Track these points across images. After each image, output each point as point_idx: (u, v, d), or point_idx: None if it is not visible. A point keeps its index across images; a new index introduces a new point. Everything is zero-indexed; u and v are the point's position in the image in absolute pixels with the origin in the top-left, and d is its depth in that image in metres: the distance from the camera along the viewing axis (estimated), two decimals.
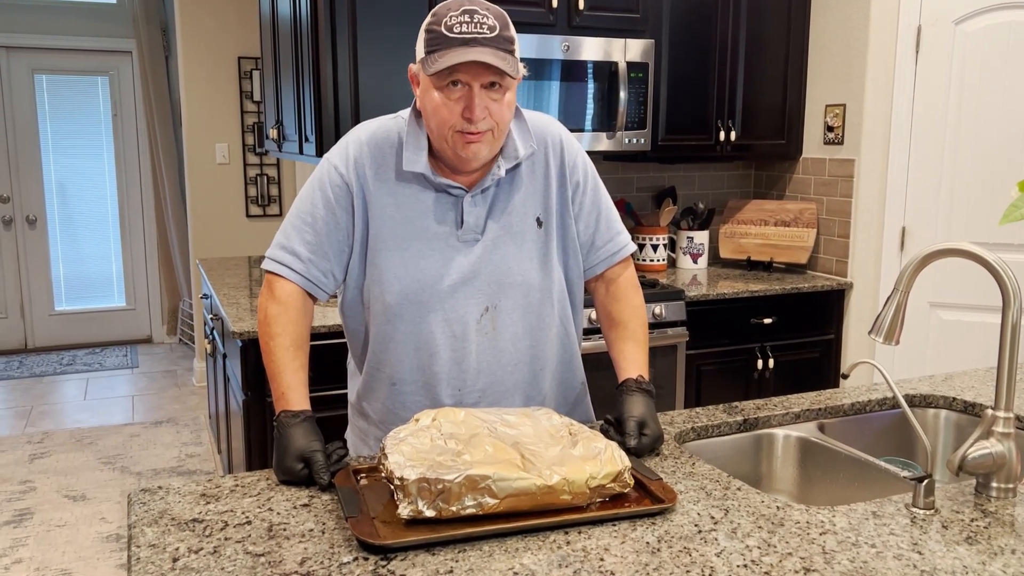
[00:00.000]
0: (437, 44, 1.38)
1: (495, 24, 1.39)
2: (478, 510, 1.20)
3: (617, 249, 1.67)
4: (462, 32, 1.37)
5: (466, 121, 1.40)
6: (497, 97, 1.42)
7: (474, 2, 1.40)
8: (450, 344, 1.54)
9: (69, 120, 6.20)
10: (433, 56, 1.38)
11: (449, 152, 1.46)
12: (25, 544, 3.31)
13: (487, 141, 1.44)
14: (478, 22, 1.37)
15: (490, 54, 1.37)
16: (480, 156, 1.45)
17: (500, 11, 1.42)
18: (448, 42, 1.37)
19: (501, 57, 1.38)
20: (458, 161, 1.47)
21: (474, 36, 1.37)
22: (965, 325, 3.28)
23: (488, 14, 1.39)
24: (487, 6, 1.41)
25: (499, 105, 1.42)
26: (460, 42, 1.37)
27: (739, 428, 1.73)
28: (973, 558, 1.16)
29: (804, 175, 3.76)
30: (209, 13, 5.01)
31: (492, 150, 1.47)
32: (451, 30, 1.37)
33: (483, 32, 1.37)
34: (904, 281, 1.41)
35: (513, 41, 1.42)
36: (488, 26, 1.38)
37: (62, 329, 6.34)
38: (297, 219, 1.54)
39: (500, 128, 1.45)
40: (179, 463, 4.15)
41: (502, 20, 1.41)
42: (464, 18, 1.37)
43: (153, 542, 1.19)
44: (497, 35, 1.38)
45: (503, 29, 1.40)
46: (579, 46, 3.17)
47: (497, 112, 1.42)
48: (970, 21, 3.18)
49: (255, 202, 5.32)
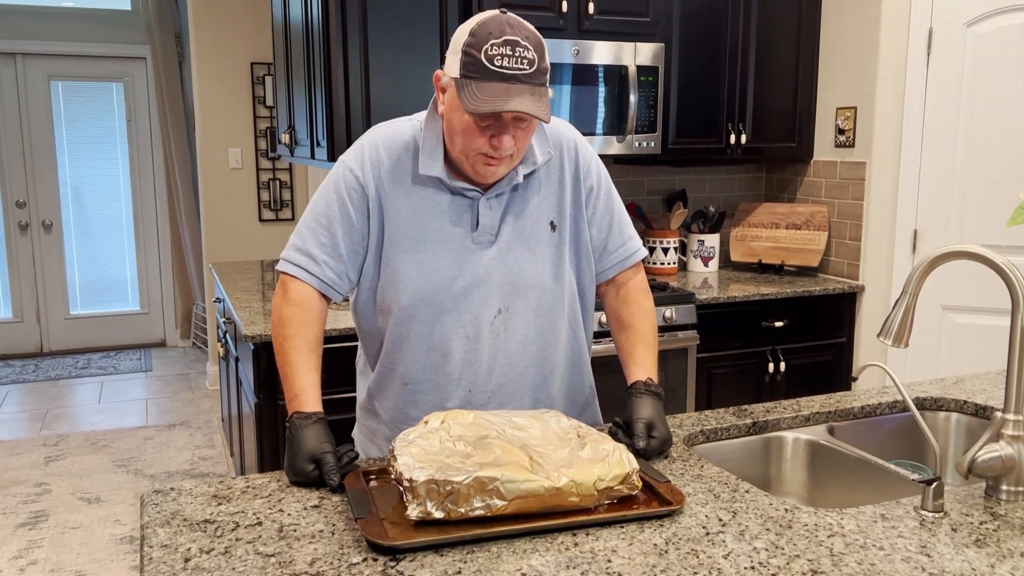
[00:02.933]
0: (476, 73, 1.37)
1: (534, 58, 1.38)
2: (487, 512, 1.20)
3: (629, 254, 1.68)
4: (503, 67, 1.36)
5: (492, 147, 1.42)
6: (524, 127, 1.44)
7: (516, 30, 1.38)
8: (463, 345, 1.55)
9: (84, 126, 6.26)
10: (471, 87, 1.37)
11: (468, 168, 1.49)
12: (40, 546, 3.34)
13: (506, 163, 1.47)
14: (519, 56, 1.36)
15: (528, 97, 1.37)
16: (497, 175, 1.49)
17: (538, 38, 1.41)
18: (487, 74, 1.36)
19: (538, 97, 1.38)
20: (475, 176, 1.50)
21: (514, 73, 1.36)
22: (976, 328, 3.27)
23: (529, 46, 1.38)
24: (527, 33, 1.39)
25: (524, 135, 1.45)
26: (500, 77, 1.36)
27: (748, 431, 1.73)
28: (982, 561, 1.15)
29: (815, 178, 3.75)
30: (222, 19, 5.05)
31: (509, 169, 1.51)
32: (491, 61, 1.36)
33: (523, 68, 1.36)
34: (913, 284, 1.41)
35: (547, 72, 1.41)
36: (528, 60, 1.37)
37: (77, 333, 6.39)
38: (312, 221, 1.55)
39: (519, 153, 1.48)
40: (192, 466, 4.18)
41: (539, 50, 1.40)
42: (506, 50, 1.36)
43: (165, 542, 1.20)
44: (535, 71, 1.38)
45: (540, 61, 1.39)
46: (589, 50, 3.18)
47: (521, 140, 1.45)
48: (981, 23, 3.17)
49: (268, 206, 5.35)
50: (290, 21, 3.52)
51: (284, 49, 3.68)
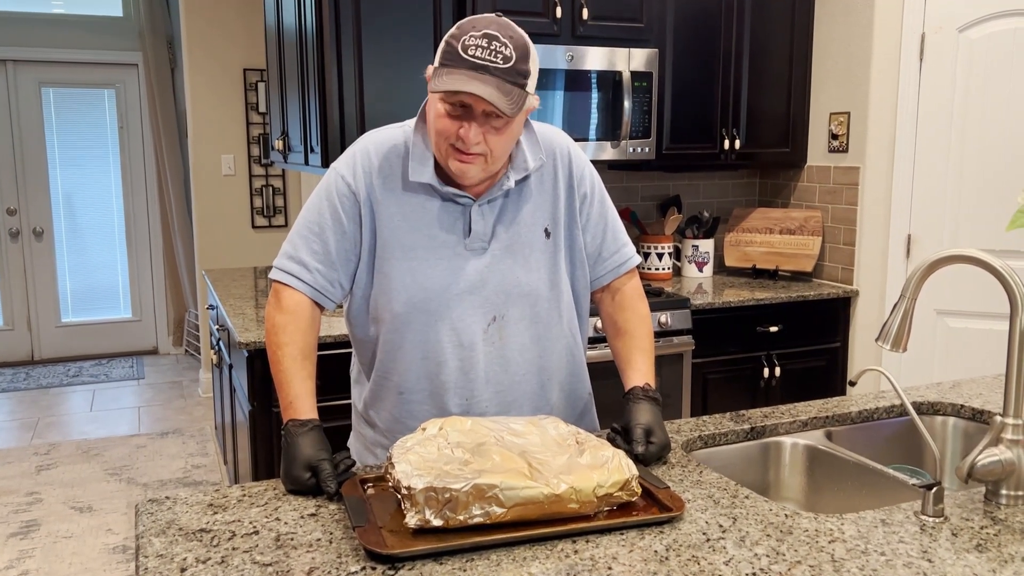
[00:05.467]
0: (450, 60, 1.37)
1: (511, 55, 1.36)
2: (485, 519, 1.19)
3: (624, 260, 1.68)
4: (475, 56, 1.35)
5: (459, 139, 1.40)
6: (498, 126, 1.40)
7: (501, 28, 1.38)
8: (457, 353, 1.54)
9: (76, 133, 6.23)
10: (441, 72, 1.37)
11: (442, 162, 1.47)
12: (32, 556, 3.31)
13: (479, 164, 1.44)
14: (494, 50, 1.36)
15: (493, 89, 1.35)
16: (469, 175, 1.45)
17: (523, 42, 1.40)
18: (459, 62, 1.36)
19: (505, 91, 1.36)
20: (452, 176, 1.48)
21: (485, 64, 1.35)
22: (973, 332, 3.27)
23: (508, 43, 1.37)
24: (510, 34, 1.38)
25: (497, 136, 1.41)
26: (470, 66, 1.35)
27: (746, 436, 1.73)
28: (983, 566, 1.15)
29: (809, 183, 3.76)
30: (215, 25, 5.04)
31: (485, 172, 1.47)
32: (466, 51, 1.36)
33: (495, 62, 1.35)
34: (911, 288, 1.41)
35: (527, 75, 1.39)
36: (503, 56, 1.36)
37: (68, 341, 6.36)
38: (304, 229, 1.54)
39: (494, 156, 1.44)
40: (185, 474, 4.15)
41: (521, 51, 1.38)
42: (482, 42, 1.36)
43: (161, 552, 1.19)
44: (510, 67, 1.36)
45: (519, 62, 1.37)
46: (583, 56, 3.18)
47: (494, 141, 1.41)
48: (974, 28, 3.18)
49: (261, 213, 5.33)
50: (283, 27, 3.51)
51: (277, 55, 3.67)
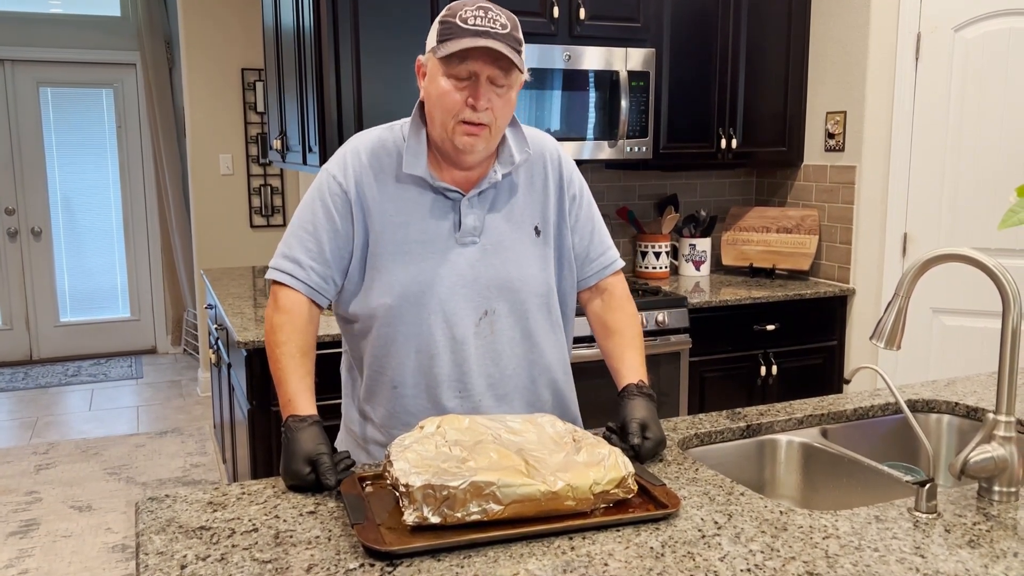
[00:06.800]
0: (451, 33, 1.44)
1: (507, 23, 1.46)
2: (483, 516, 1.21)
3: (610, 262, 1.73)
4: (476, 24, 1.43)
5: (470, 109, 1.45)
6: (501, 92, 1.47)
7: (491, 3, 1.47)
8: (450, 347, 1.56)
9: (74, 132, 6.23)
10: (445, 43, 1.44)
11: (448, 144, 1.50)
12: (31, 555, 3.32)
13: (484, 136, 1.48)
14: (491, 18, 1.44)
15: (502, 45, 1.43)
16: (476, 150, 1.50)
17: (512, 15, 1.49)
18: (462, 32, 1.43)
19: (511, 51, 1.44)
20: (455, 153, 1.51)
21: (487, 30, 1.43)
22: (967, 330, 3.29)
23: (501, 14, 1.46)
24: (500, 8, 1.48)
25: (502, 101, 1.48)
26: (473, 32, 1.43)
27: (742, 434, 1.74)
28: (976, 562, 1.16)
29: (805, 182, 3.77)
30: (213, 25, 5.04)
31: (488, 148, 1.51)
32: (465, 22, 1.43)
33: (495, 28, 1.44)
34: (905, 286, 1.42)
35: (522, 43, 1.49)
36: (501, 23, 1.45)
37: (67, 340, 6.36)
38: (299, 228, 1.57)
39: (498, 125, 1.49)
40: (184, 473, 4.16)
41: (513, 22, 1.48)
42: (479, 13, 1.44)
43: (161, 550, 1.20)
44: (508, 33, 1.45)
45: (513, 30, 1.46)
46: (580, 55, 3.19)
47: (499, 107, 1.48)
48: (970, 28, 3.20)
49: (259, 212, 5.34)
50: (281, 27, 3.52)
51: (275, 54, 3.68)
